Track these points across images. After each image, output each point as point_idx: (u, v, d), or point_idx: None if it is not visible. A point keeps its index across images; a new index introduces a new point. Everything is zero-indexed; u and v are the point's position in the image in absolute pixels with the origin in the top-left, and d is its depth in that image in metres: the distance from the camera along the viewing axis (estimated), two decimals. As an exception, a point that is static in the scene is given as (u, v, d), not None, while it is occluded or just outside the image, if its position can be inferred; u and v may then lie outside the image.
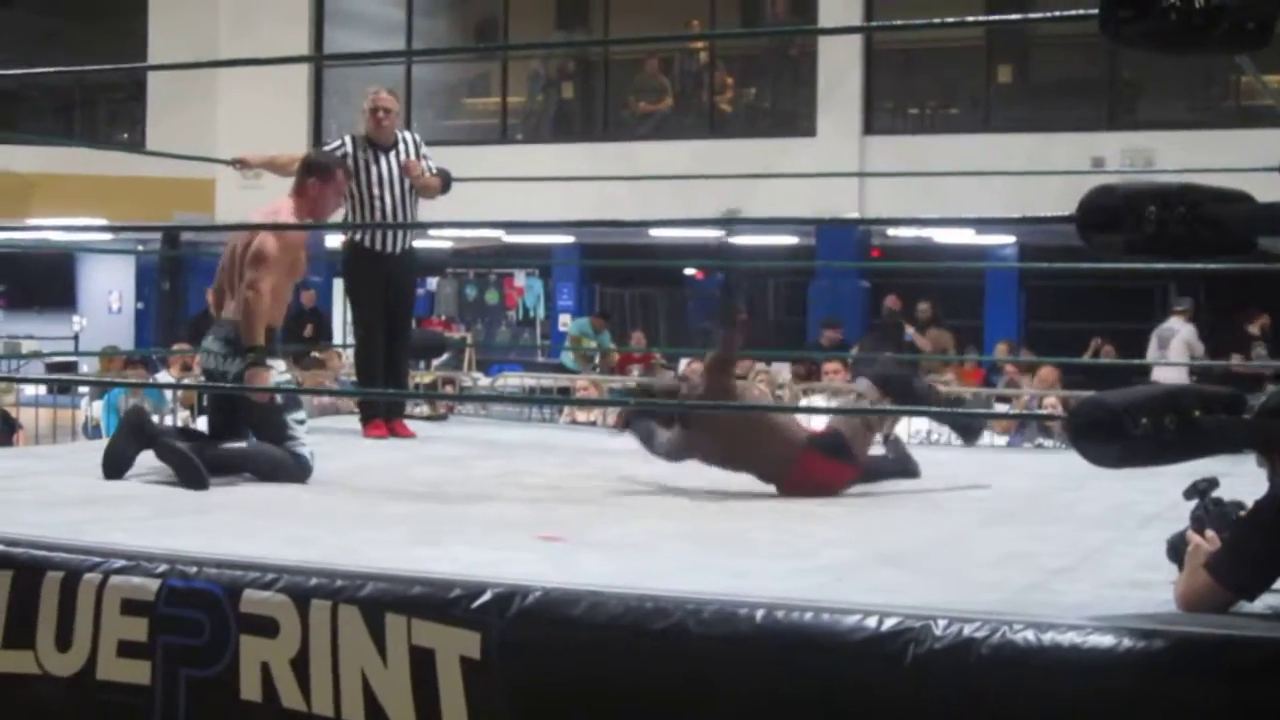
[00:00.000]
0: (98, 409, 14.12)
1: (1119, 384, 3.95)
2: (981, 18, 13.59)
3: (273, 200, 7.45)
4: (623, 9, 21.58)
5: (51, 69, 13.81)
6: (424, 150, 9.01)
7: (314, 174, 7.33)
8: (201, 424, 12.33)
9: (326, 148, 8.86)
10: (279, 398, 6.78)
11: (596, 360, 20.54)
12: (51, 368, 19.61)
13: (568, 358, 20.87)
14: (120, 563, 4.43)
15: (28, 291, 27.85)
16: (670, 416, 6.69)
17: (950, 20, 12.67)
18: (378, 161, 8.80)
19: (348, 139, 8.89)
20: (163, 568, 4.37)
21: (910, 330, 18.81)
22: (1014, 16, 11.36)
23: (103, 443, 11.10)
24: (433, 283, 26.95)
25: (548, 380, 15.78)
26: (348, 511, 5.93)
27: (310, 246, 23.18)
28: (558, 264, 24.66)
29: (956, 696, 3.57)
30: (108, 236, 24.29)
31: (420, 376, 12.30)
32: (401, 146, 8.89)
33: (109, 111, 25.19)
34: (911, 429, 10.75)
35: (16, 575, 4.53)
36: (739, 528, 5.69)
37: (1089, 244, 3.73)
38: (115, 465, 6.62)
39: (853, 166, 18.76)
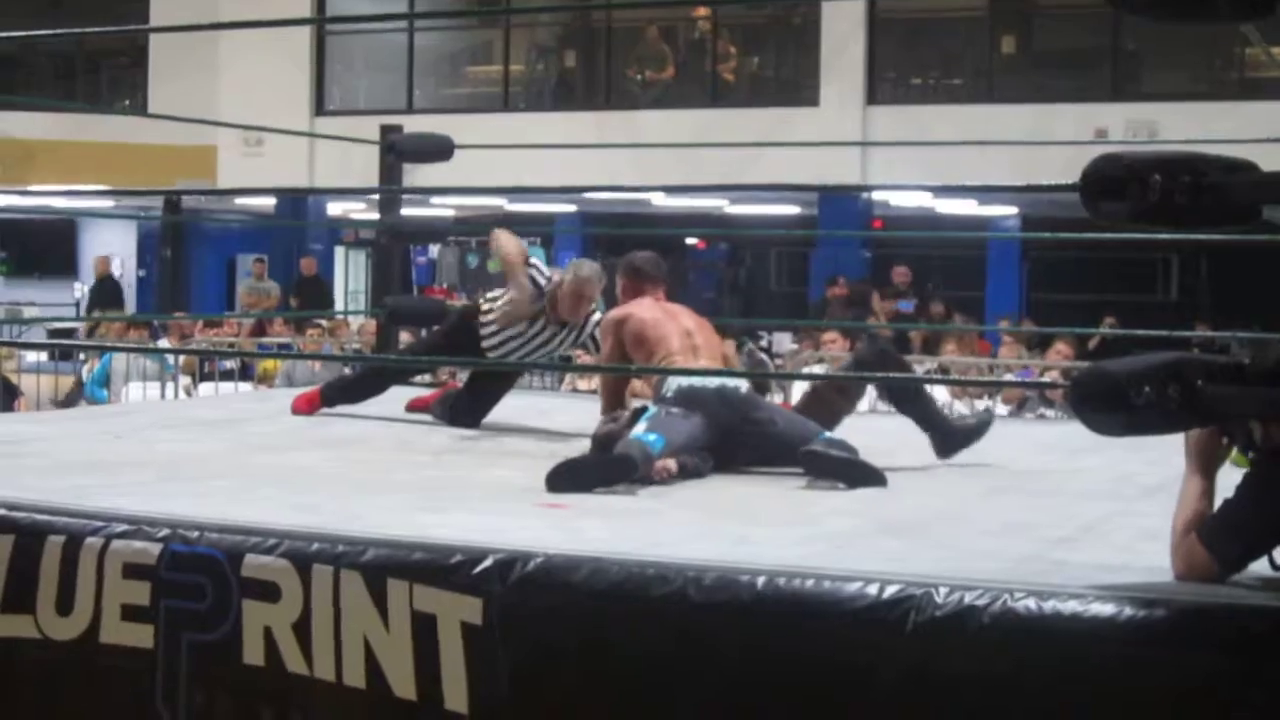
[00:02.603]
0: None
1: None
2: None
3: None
4: (626, -22, 21.57)
5: (52, 32, 13.78)
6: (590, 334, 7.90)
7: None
8: (205, 390, 12.38)
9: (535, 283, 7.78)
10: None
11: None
12: (53, 334, 19.62)
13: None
14: (122, 527, 4.42)
15: (29, 258, 27.84)
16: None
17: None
18: (541, 333, 7.75)
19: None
20: (164, 532, 4.37)
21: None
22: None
23: (102, 408, 11.16)
24: (435, 251, 26.95)
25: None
26: (350, 478, 5.93)
27: (314, 215, 23.02)
28: (559, 232, 24.65)
29: (957, 664, 3.58)
30: (109, 203, 24.28)
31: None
32: (574, 330, 7.84)
33: (110, 78, 25.17)
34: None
35: (17, 539, 4.53)
36: (742, 496, 5.70)
37: (1093, 213, 3.73)
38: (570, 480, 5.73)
39: (855, 137, 18.76)
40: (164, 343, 14.96)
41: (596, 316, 7.88)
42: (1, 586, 4.52)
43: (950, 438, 6.59)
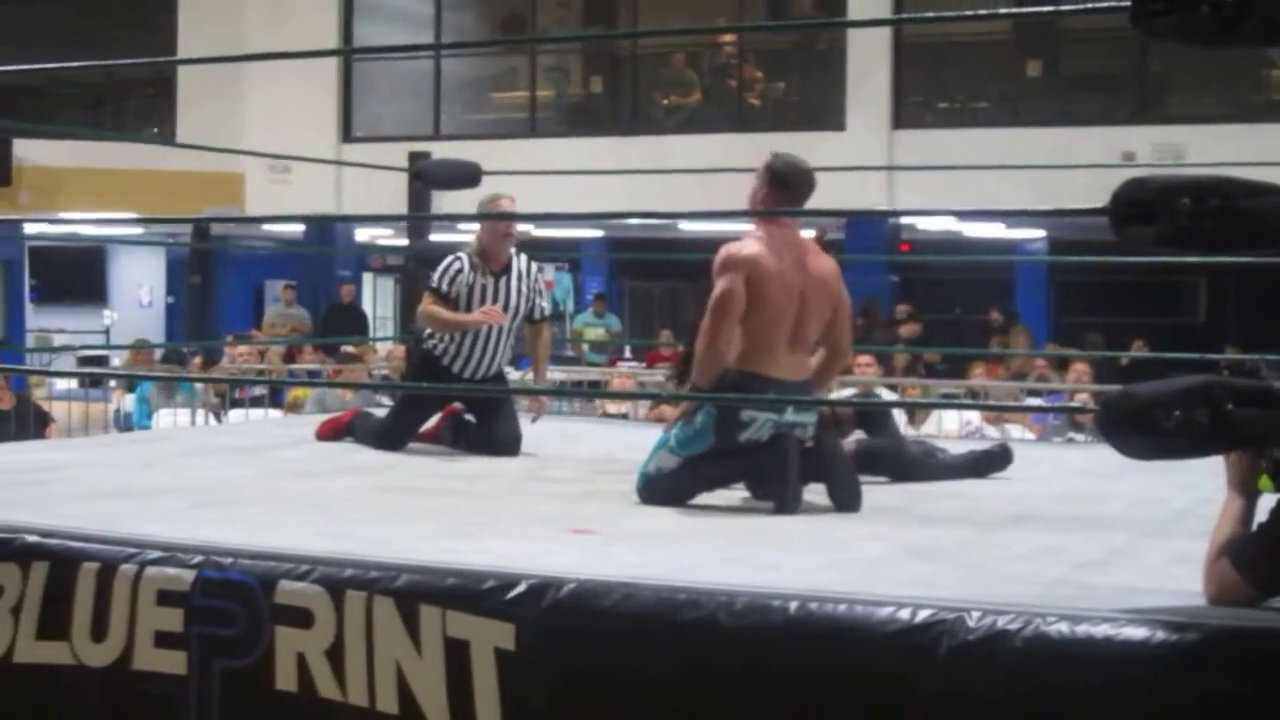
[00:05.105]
0: (129, 402, 14.19)
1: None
2: (1012, 10, 13.47)
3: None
4: (650, 4, 21.58)
5: (81, 64, 13.89)
6: (539, 283, 8.12)
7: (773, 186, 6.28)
8: (235, 416, 12.41)
9: (443, 267, 7.95)
10: None
11: (611, 340, 20.71)
12: (82, 361, 19.68)
13: (586, 350, 21.01)
14: (155, 554, 4.46)
15: (58, 285, 27.90)
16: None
17: (982, 13, 12.63)
18: (498, 289, 7.92)
19: (464, 258, 7.91)
20: (198, 559, 4.40)
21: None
22: (1045, 9, 11.30)
23: (132, 435, 11.19)
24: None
25: (577, 374, 15.78)
26: (380, 505, 5.96)
27: (342, 242, 23.03)
28: (585, 257, 24.65)
29: (989, 688, 3.58)
30: (138, 230, 24.35)
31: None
32: (515, 271, 7.99)
33: (138, 106, 25.24)
34: (963, 419, 10.81)
35: (52, 566, 4.56)
36: (770, 521, 5.70)
37: (1121, 237, 3.74)
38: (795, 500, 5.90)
39: (882, 161, 18.74)
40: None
41: (535, 267, 8.12)
42: (37, 613, 4.55)
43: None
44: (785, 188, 6.21)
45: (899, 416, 10.43)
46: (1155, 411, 3.51)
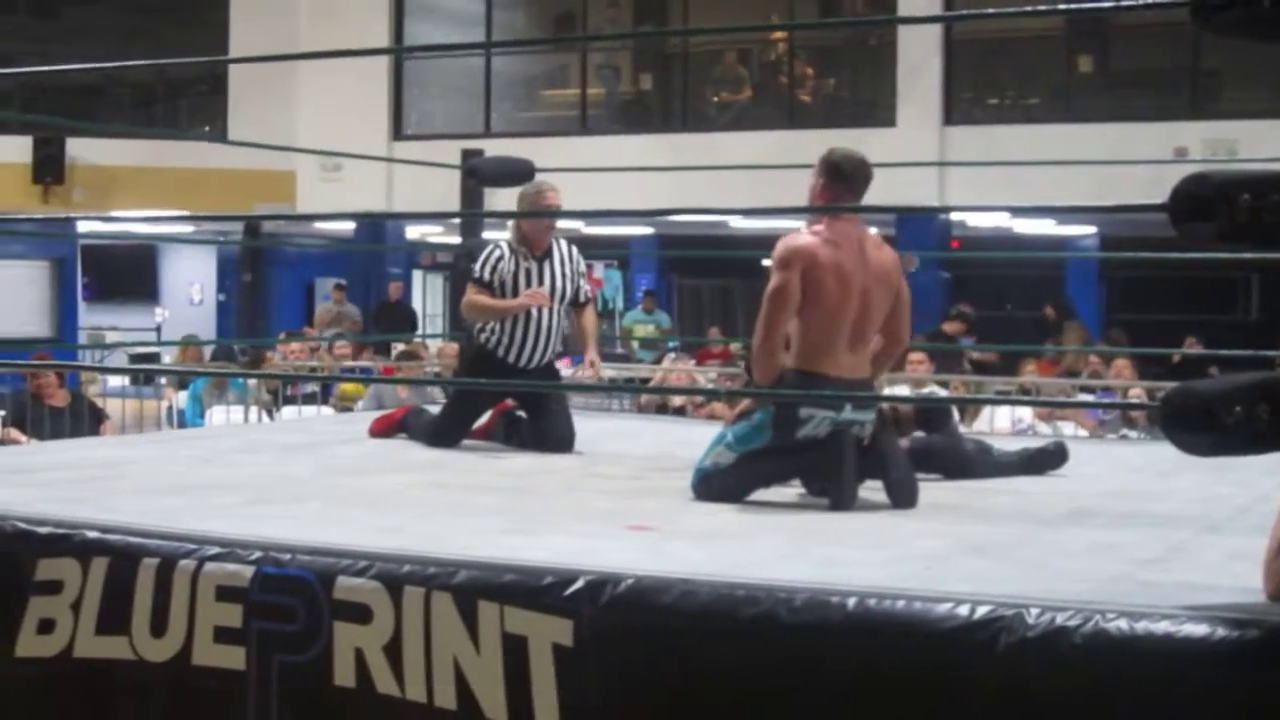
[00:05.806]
0: (181, 399, 14.26)
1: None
2: (1066, 6, 13.32)
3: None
4: (701, 2, 21.58)
5: (132, 63, 13.95)
6: (580, 266, 8.10)
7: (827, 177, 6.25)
8: (287, 413, 12.47)
9: (483, 257, 7.95)
10: None
11: (661, 336, 20.72)
12: (134, 359, 19.78)
13: (636, 348, 21.04)
14: (214, 549, 4.47)
15: (111, 283, 28.05)
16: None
17: (1041, 9, 12.56)
18: (541, 273, 7.91)
19: (504, 245, 7.91)
20: (256, 554, 4.42)
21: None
22: (1102, 4, 11.15)
23: (187, 432, 11.24)
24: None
25: (628, 371, 15.81)
26: (435, 502, 5.97)
27: (392, 239, 23.11)
28: (635, 254, 24.67)
29: (1048, 685, 3.57)
30: (189, 228, 24.46)
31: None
32: (557, 256, 8.00)
33: (190, 105, 25.36)
34: (1014, 416, 10.80)
35: (112, 562, 4.59)
36: (826, 517, 5.70)
37: (1181, 233, 3.72)
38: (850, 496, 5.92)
39: (932, 157, 18.68)
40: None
41: (576, 251, 8.09)
42: (96, 608, 4.57)
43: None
44: (842, 178, 6.19)
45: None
46: (1216, 408, 3.49)
